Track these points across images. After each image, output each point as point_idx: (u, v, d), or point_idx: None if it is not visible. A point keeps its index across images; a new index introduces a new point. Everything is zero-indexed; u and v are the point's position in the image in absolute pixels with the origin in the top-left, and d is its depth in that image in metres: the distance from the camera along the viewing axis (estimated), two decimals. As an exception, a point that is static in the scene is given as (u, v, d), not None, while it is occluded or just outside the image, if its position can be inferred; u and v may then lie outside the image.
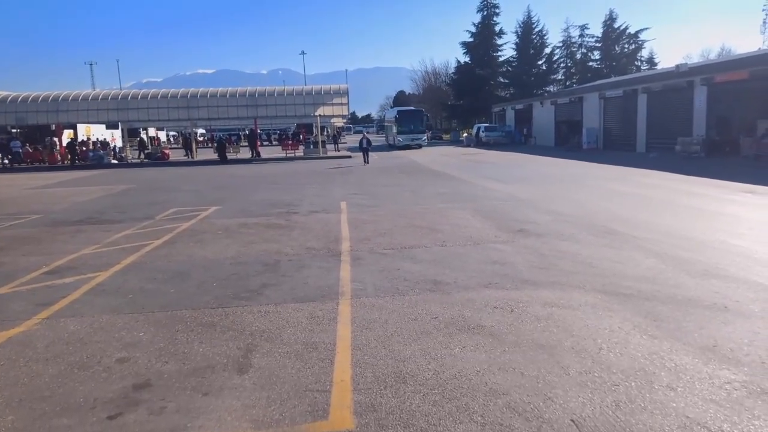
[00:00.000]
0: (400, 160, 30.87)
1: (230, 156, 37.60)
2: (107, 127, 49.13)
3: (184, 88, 38.64)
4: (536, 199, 13.59)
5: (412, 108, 55.75)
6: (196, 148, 43.01)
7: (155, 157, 38.71)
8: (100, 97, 37.30)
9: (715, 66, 28.06)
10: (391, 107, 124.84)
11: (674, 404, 3.62)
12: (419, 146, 45.01)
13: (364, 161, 28.02)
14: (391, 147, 47.70)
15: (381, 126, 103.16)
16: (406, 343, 4.82)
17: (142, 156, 39.72)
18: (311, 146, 39.98)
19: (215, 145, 41.58)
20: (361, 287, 6.55)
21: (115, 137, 48.96)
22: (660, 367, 4.19)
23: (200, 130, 71.81)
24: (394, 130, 46.68)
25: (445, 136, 68.59)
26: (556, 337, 4.84)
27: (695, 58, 74.54)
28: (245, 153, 39.94)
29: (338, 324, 5.34)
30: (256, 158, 36.88)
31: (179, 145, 47.04)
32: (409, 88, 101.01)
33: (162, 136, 72.91)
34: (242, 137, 62.02)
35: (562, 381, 4.00)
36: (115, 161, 37.55)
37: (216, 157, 36.21)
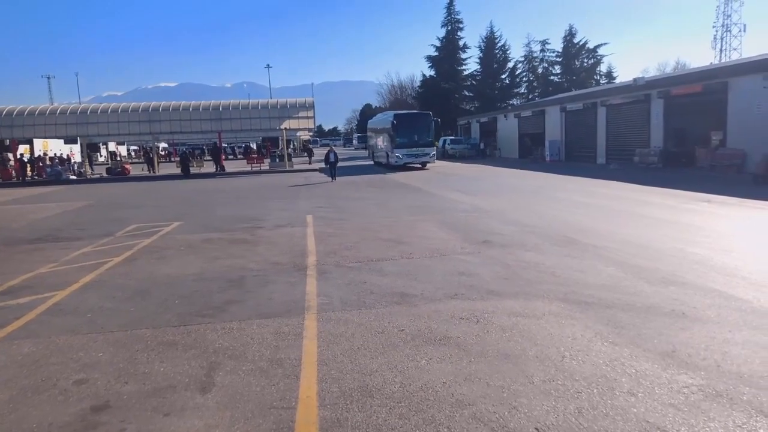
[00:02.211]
0: (356, 168, 31.12)
1: (193, 170, 37.06)
2: (66, 142, 47.85)
3: (146, 102, 37.96)
4: (501, 210, 13.79)
5: (415, 111, 42.67)
6: (158, 163, 42.20)
7: (115, 172, 37.80)
8: (58, 111, 36.32)
9: (671, 80, 29.14)
10: (359, 121, 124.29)
11: (635, 409, 3.70)
12: (424, 165, 33.19)
13: (331, 177, 26.10)
14: (382, 167, 35.30)
15: (361, 138, 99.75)
16: (372, 356, 4.80)
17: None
18: (277, 160, 39.65)
19: (178, 159, 40.90)
20: (328, 301, 6.50)
21: (74, 152, 47.66)
22: (621, 373, 4.28)
23: (162, 144, 70.57)
24: (389, 142, 33.29)
25: None
26: (520, 347, 4.90)
27: (652, 72, 77.23)
28: (209, 167, 39.40)
29: (304, 339, 5.29)
30: (220, 172, 36.41)
31: (140, 160, 45.89)
32: (375, 102, 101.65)
33: (123, 150, 71.35)
34: (206, 151, 61.21)
35: (526, 390, 4.04)
36: (74, 177, 36.50)
37: (179, 171, 35.59)
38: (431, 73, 68.64)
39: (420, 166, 33.31)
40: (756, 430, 3.39)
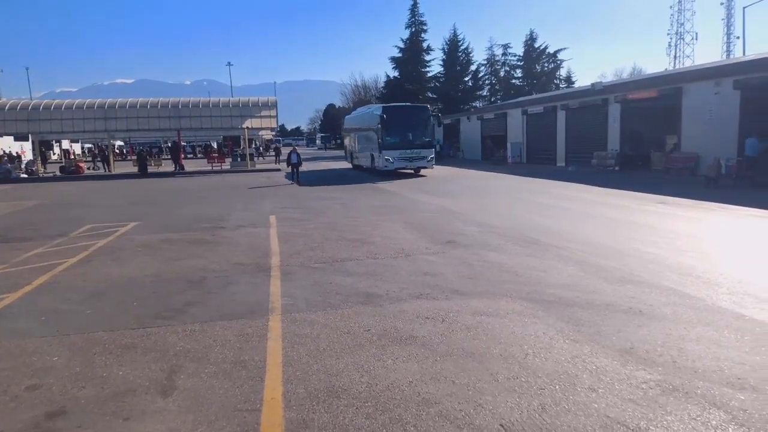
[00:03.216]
0: (329, 173, 30.81)
1: (151, 169, 36.14)
2: (15, 139, 45.97)
3: (102, 98, 36.83)
4: (464, 211, 13.94)
5: (409, 104, 34.02)
6: (114, 161, 40.98)
7: (69, 171, 36.51)
8: (7, 107, 34.87)
9: (628, 85, 30.01)
10: (322, 121, 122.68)
11: (596, 405, 3.79)
12: (417, 170, 27.52)
13: (294, 179, 24.82)
14: (364, 172, 29.54)
15: (325, 138, 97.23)
16: (338, 356, 4.77)
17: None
18: (239, 159, 39.02)
19: (135, 157, 39.81)
20: (292, 302, 6.44)
21: (24, 150, 45.82)
22: (582, 369, 4.38)
23: (118, 143, 68.53)
24: (375, 142, 27.32)
25: None
26: (485, 345, 4.95)
27: (609, 77, 79.58)
28: (168, 166, 38.48)
29: (268, 340, 5.22)
30: (179, 171, 35.61)
31: (96, 158, 44.39)
32: (339, 102, 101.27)
33: (77, 148, 69.00)
34: (164, 150, 59.74)
35: (491, 387, 4.09)
36: (25, 175, 35.07)
37: (136, 170, 34.64)
38: (395, 74, 68.79)
39: (412, 171, 27.45)
40: (709, 422, 3.52)
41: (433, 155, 27.01)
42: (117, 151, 60.91)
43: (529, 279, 7.21)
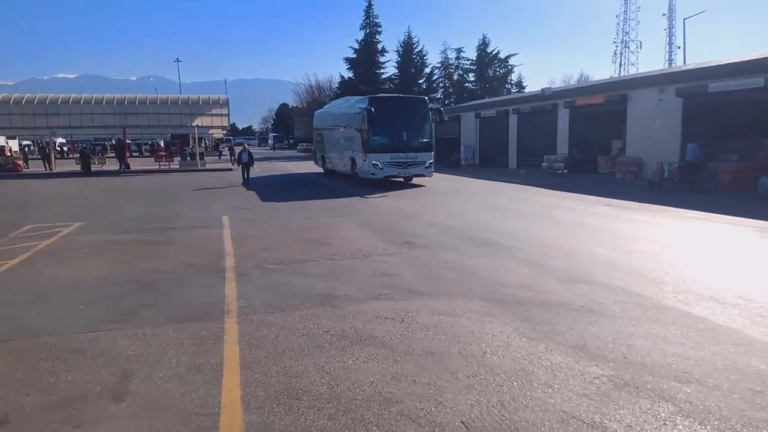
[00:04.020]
0: (277, 171, 30.43)
1: (95, 167, 34.77)
2: (-55, 135, 43.35)
3: (42, 94, 35.13)
4: (420, 212, 14.05)
5: (403, 95, 28.61)
6: (55, 159, 39.17)
7: (6, 169, 34.67)
8: (-65, 100, 32.81)
9: (576, 90, 31.00)
10: (274, 120, 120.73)
11: (552, 400, 3.89)
12: (407, 179, 22.48)
13: (244, 179, 23.25)
14: (343, 180, 24.22)
15: (278, 138, 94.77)
16: (298, 358, 4.71)
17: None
18: (188, 158, 37.95)
19: (78, 155, 38.16)
20: (248, 304, 6.32)
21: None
22: (538, 366, 4.49)
23: (59, 140, 65.54)
24: (358, 142, 21.87)
25: None
26: (444, 344, 5.01)
27: (558, 83, 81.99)
28: (112, 164, 37.12)
29: (225, 343, 5.10)
30: (125, 170, 34.37)
31: (35, 155, 42.01)
32: (292, 101, 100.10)
33: (14, 145, 65.56)
34: (108, 148, 57.54)
35: (451, 385, 4.14)
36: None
37: (79, 168, 33.24)
38: (350, 75, 68.77)
39: (403, 179, 22.28)
40: (659, 414, 3.67)
41: (431, 160, 21.68)
42: (58, 148, 58.21)
43: (485, 279, 7.33)
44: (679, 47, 77.87)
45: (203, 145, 52.45)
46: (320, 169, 30.15)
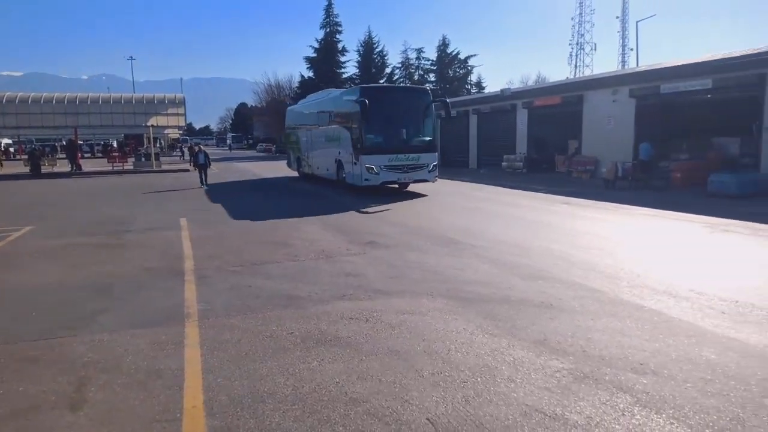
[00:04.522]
0: (238, 173, 29.92)
1: (45, 169, 33.45)
2: None
3: (-13, 92, 33.66)
4: (383, 211, 14.06)
5: (401, 86, 24.53)
6: (2, 160, 37.54)
7: (-52, 171, 33.07)
8: None
9: (534, 91, 31.62)
10: (233, 120, 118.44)
11: (515, 394, 3.96)
12: (402, 185, 18.84)
13: (201, 182, 22.31)
14: (321, 184, 22.02)
15: (237, 138, 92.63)
16: (261, 361, 4.65)
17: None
18: (142, 159, 36.92)
19: (26, 156, 36.65)
20: (209, 307, 6.20)
21: None
22: (501, 361, 4.56)
23: (5, 140, 62.77)
24: (347, 141, 18.46)
25: None
26: (409, 343, 5.03)
27: (516, 84, 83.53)
28: (63, 166, 35.81)
29: (185, 348, 4.99)
30: (76, 171, 33.21)
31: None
32: (251, 101, 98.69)
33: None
34: (59, 148, 55.39)
35: (417, 383, 4.16)
36: None
37: (27, 170, 31.95)
38: (310, 74, 68.38)
39: (397, 186, 18.66)
40: (617, 405, 3.78)
41: (436, 162, 18.32)
42: (2, 149, 55.72)
43: (448, 277, 7.40)
44: (632, 49, 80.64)
45: (158, 145, 51.08)
46: (294, 173, 27.07)
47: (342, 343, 5.05)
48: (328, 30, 67.92)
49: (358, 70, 69.72)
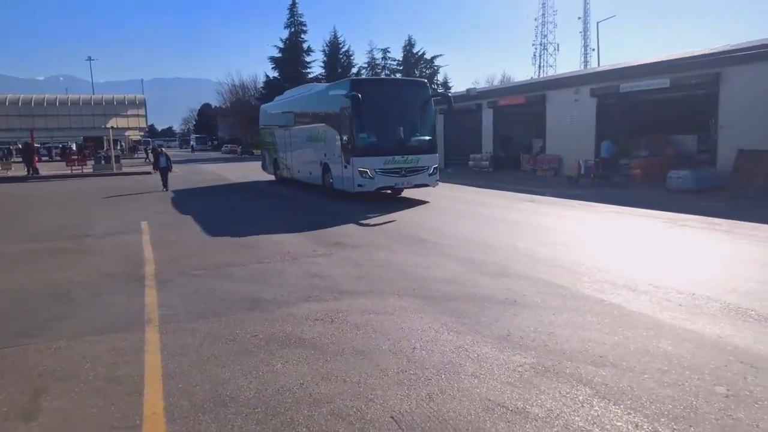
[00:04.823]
0: (203, 176, 29.42)
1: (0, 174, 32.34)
2: None
3: (-64, 93, 32.29)
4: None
5: (397, 78, 22.18)
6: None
7: None
8: None
9: (499, 91, 32.05)
10: (197, 121, 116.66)
11: (478, 390, 4.00)
12: (397, 192, 17.19)
13: (163, 185, 21.48)
14: (308, 192, 18.97)
15: (200, 140, 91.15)
16: (224, 365, 4.58)
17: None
18: (102, 162, 35.85)
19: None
20: (171, 312, 6.07)
21: None
22: (465, 358, 4.60)
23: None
24: (336, 141, 16.34)
25: (257, 152, 67.56)
26: (375, 342, 5.03)
27: (482, 83, 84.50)
28: (19, 170, 34.61)
29: (146, 354, 4.88)
30: (33, 176, 32.13)
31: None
32: (215, 101, 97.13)
33: None
34: (14, 152, 53.53)
35: (381, 382, 4.17)
36: None
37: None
38: (275, 74, 67.77)
39: (389, 191, 16.50)
40: (577, 397, 3.86)
41: (437, 164, 16.29)
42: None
43: (415, 276, 7.43)
44: (593, 49, 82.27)
45: (119, 147, 49.81)
46: (270, 176, 24.88)
47: (307, 344, 5.01)
48: (292, 30, 67.49)
49: (324, 71, 69.44)
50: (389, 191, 16.54)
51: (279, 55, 67.45)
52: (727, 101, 17.77)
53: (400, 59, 72.40)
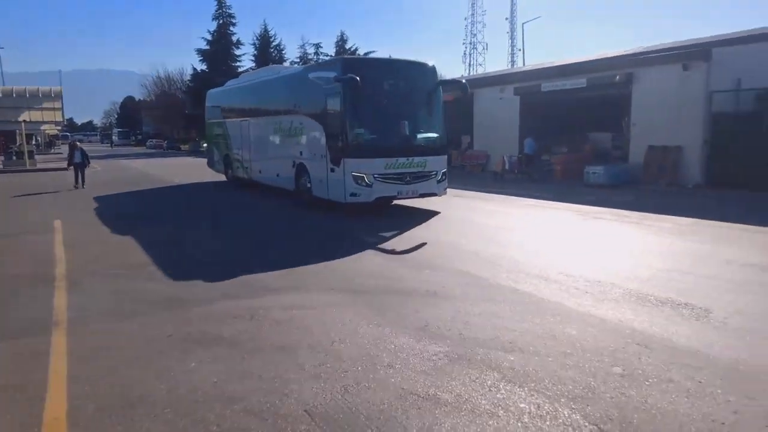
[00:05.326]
0: (128, 173, 28.11)
1: None
2: None
3: None
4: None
5: (394, 58, 15.07)
6: None
7: None
8: None
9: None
10: (119, 114, 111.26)
11: (393, 380, 4.09)
12: (385, 202, 12.74)
13: (76, 182, 19.96)
14: (265, 195, 16.40)
15: (123, 134, 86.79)
16: (135, 367, 4.44)
17: None
18: (14, 157, 33.47)
19: None
20: (82, 314, 5.80)
21: None
22: (383, 349, 4.69)
23: None
24: (321, 137, 12.68)
25: (184, 147, 65.29)
26: (295, 338, 5.02)
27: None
28: None
29: (51, 357, 4.65)
30: (-66, 173, 29.63)
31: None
32: (139, 94, 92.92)
33: None
34: None
35: (298, 377, 4.17)
36: None
37: None
38: (203, 67, 65.62)
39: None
40: (485, 382, 4.03)
41: (445, 169, 13.00)
42: None
43: (341, 271, 7.46)
44: (520, 49, 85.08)
45: (34, 142, 46.70)
46: (220, 176, 21.06)
47: (224, 342, 4.94)
48: (221, 22, 65.54)
49: (254, 64, 67.92)
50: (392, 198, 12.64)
51: (207, 47, 65.34)
52: (639, 100, 18.93)
53: (333, 54, 71.99)
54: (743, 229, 10.21)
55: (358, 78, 11.17)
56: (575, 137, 23.40)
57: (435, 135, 12.85)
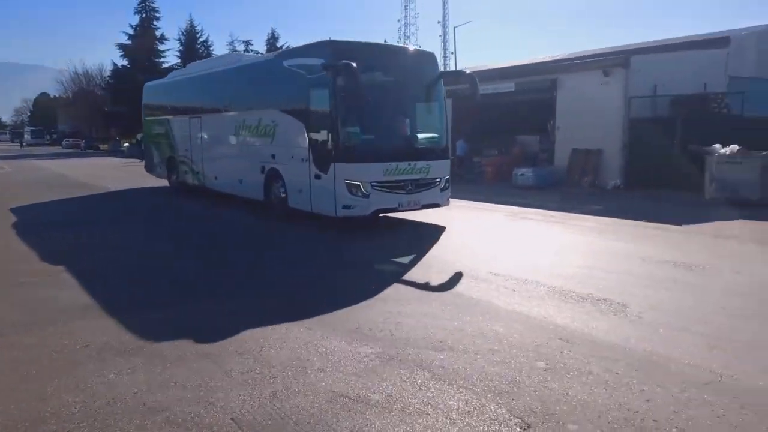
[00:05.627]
0: (42, 173, 26.38)
1: None
2: None
3: None
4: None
5: (391, 44, 17.15)
6: None
7: None
8: None
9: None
10: (31, 112, 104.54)
11: (323, 383, 4.04)
12: (384, 213, 10.72)
13: None
14: (227, 204, 13.90)
15: (36, 133, 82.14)
16: (47, 380, 4.14)
17: None
18: None
19: None
20: (-13, 325, 5.38)
21: None
22: (314, 353, 4.63)
23: None
24: (299, 138, 10.53)
25: (103, 146, 62.11)
26: (221, 345, 4.84)
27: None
28: None
29: (-50, 374, 4.27)
30: None
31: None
32: (53, 90, 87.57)
33: None
34: None
35: (224, 384, 4.04)
36: None
37: None
38: (124, 62, 62.65)
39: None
40: (415, 381, 4.06)
41: (448, 175, 11.22)
42: None
43: (272, 277, 7.32)
44: (452, 53, 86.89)
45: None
46: (162, 182, 18.42)
47: (145, 352, 4.70)
48: (144, 15, 62.89)
49: (180, 60, 65.58)
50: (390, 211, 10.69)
51: (129, 42, 62.44)
52: (563, 105, 19.76)
53: (264, 52, 70.72)
54: (658, 227, 10.87)
55: (354, 64, 9.06)
56: (505, 140, 24.12)
57: (436, 135, 11.09)
